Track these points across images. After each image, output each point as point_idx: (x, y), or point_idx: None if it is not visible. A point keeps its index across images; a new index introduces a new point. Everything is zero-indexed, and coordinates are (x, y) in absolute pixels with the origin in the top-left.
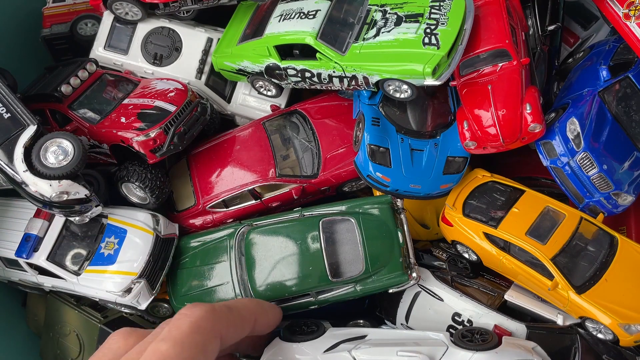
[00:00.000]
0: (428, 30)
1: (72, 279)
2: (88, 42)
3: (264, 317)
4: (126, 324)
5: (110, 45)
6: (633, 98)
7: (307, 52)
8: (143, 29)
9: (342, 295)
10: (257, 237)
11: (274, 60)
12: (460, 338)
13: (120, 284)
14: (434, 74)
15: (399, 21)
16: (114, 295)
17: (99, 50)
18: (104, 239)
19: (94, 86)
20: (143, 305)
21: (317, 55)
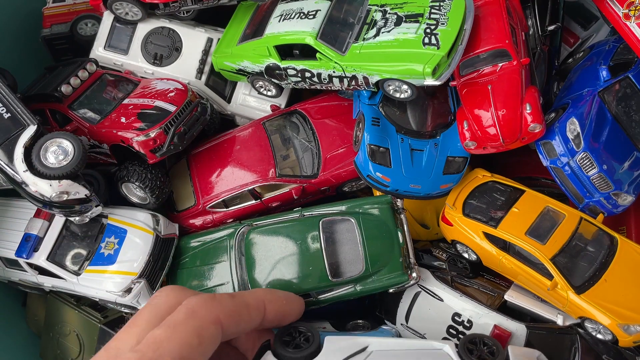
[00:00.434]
0: (428, 30)
1: (72, 279)
2: (88, 42)
3: (276, 304)
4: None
5: (110, 45)
6: (633, 98)
7: (307, 52)
8: (143, 29)
9: (342, 295)
10: (257, 237)
11: (274, 60)
12: (467, 352)
13: (120, 284)
14: (434, 74)
15: (399, 21)
16: (114, 295)
17: (99, 50)
18: (104, 239)
19: (94, 86)
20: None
21: (317, 55)
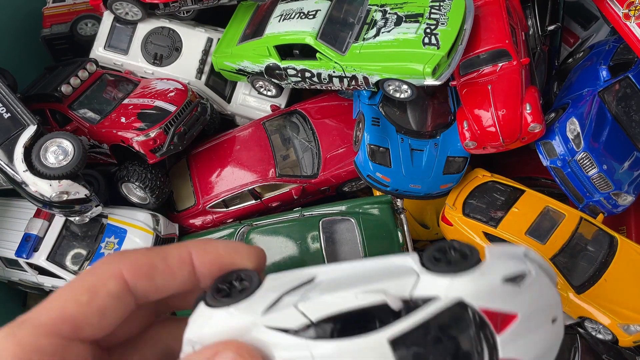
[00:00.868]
0: (428, 30)
1: (72, 279)
2: (88, 42)
3: (209, 255)
4: None
5: (110, 45)
6: (633, 98)
7: (307, 52)
8: (143, 29)
9: None
10: (257, 237)
11: (274, 60)
12: (433, 260)
13: None
14: (434, 73)
15: (399, 21)
16: None
17: (99, 50)
18: (104, 239)
19: (94, 86)
20: None
21: (317, 55)
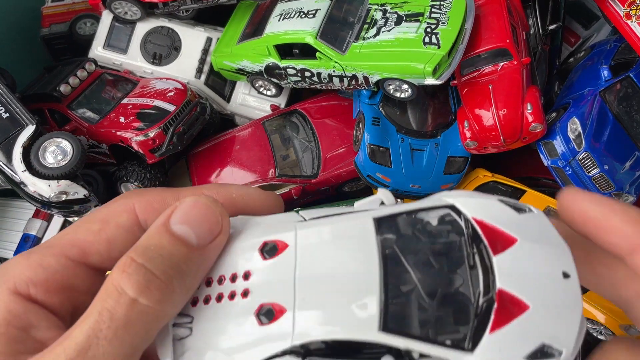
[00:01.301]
0: (428, 30)
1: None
2: (87, 42)
3: (223, 196)
4: None
5: (109, 44)
6: (634, 98)
7: (307, 51)
8: (142, 29)
9: None
10: None
11: (273, 60)
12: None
13: None
14: (435, 73)
15: (399, 20)
16: None
17: (98, 50)
18: None
19: (93, 86)
20: None
21: (317, 54)
